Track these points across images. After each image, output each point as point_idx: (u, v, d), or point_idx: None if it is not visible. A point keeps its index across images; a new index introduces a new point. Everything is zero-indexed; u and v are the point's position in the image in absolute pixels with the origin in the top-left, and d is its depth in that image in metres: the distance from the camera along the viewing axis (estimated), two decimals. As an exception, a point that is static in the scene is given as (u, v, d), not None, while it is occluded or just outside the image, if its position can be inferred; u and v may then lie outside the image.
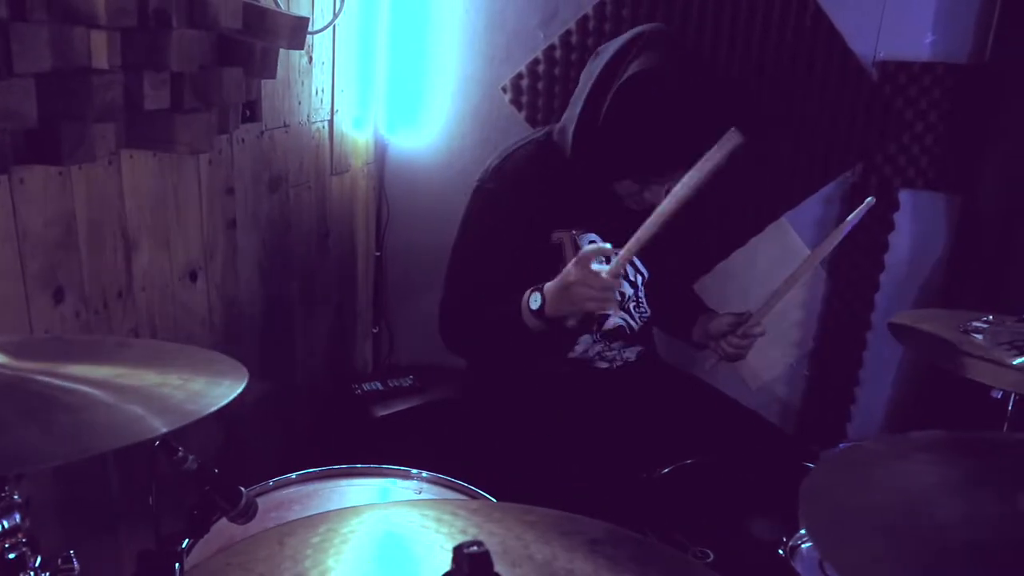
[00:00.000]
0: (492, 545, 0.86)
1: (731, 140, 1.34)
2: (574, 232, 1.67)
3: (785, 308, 2.33)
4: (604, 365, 1.78)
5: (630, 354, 1.81)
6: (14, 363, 0.85)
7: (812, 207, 2.22)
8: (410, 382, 2.20)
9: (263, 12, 1.49)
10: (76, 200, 1.30)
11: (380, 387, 2.17)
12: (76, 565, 0.91)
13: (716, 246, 2.28)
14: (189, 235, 1.58)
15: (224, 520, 1.15)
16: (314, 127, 2.00)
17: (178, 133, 1.33)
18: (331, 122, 2.07)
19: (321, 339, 2.17)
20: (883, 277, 2.21)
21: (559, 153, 1.66)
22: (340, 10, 1.89)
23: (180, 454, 1.13)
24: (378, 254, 2.41)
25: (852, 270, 2.22)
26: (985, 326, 1.28)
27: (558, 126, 1.70)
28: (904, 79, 2.08)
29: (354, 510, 0.95)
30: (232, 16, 1.42)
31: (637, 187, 1.62)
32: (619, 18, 2.11)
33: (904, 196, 2.16)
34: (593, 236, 1.69)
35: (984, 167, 2.08)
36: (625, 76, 1.54)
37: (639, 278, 1.79)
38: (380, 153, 2.34)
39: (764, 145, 2.15)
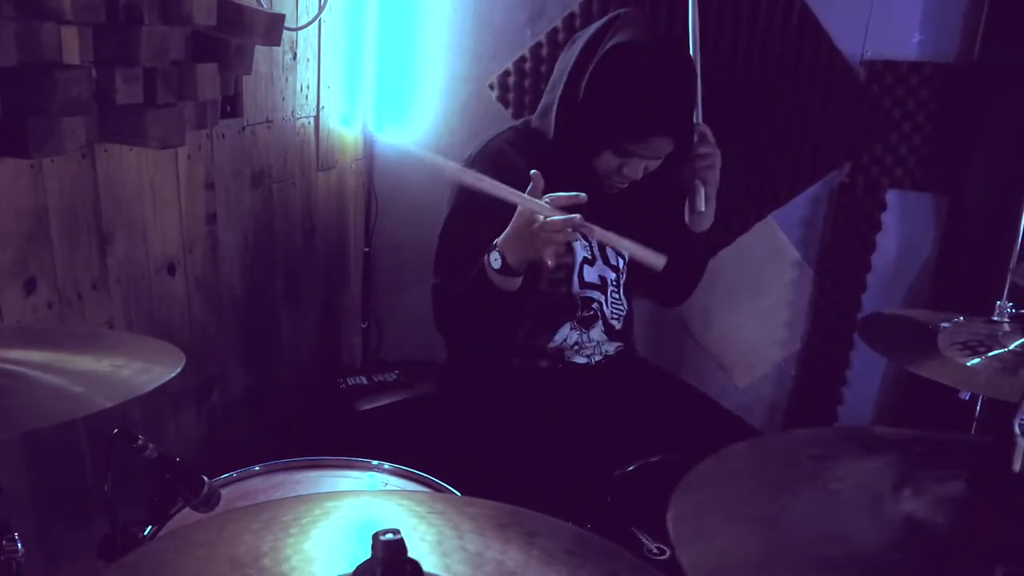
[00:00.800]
0: (428, 535, 0.88)
1: (656, 262, 1.42)
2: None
3: (773, 307, 2.33)
4: (582, 360, 1.79)
5: (609, 348, 1.82)
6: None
7: (800, 206, 2.22)
8: (395, 377, 2.23)
9: (239, 8, 1.52)
10: (48, 193, 1.33)
11: (365, 381, 2.20)
12: (20, 547, 0.93)
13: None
14: (167, 229, 1.61)
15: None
16: (299, 123, 2.02)
17: (149, 128, 1.36)
18: (317, 118, 2.10)
19: (307, 334, 2.20)
20: (870, 277, 2.20)
21: (539, 139, 1.69)
22: (324, 6, 1.92)
23: (140, 442, 1.17)
24: (367, 250, 2.44)
25: (839, 270, 2.22)
26: (950, 326, 1.28)
27: (538, 111, 1.74)
28: (891, 79, 2.07)
29: (301, 499, 0.97)
30: (206, 13, 1.45)
31: (616, 161, 1.64)
32: (605, 15, 2.12)
33: (892, 196, 2.16)
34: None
35: (972, 167, 2.07)
36: (604, 50, 1.60)
37: (620, 262, 1.80)
38: (368, 150, 2.36)
39: (749, 143, 2.15)
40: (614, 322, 1.82)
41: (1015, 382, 1.13)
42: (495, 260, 1.50)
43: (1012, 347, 1.13)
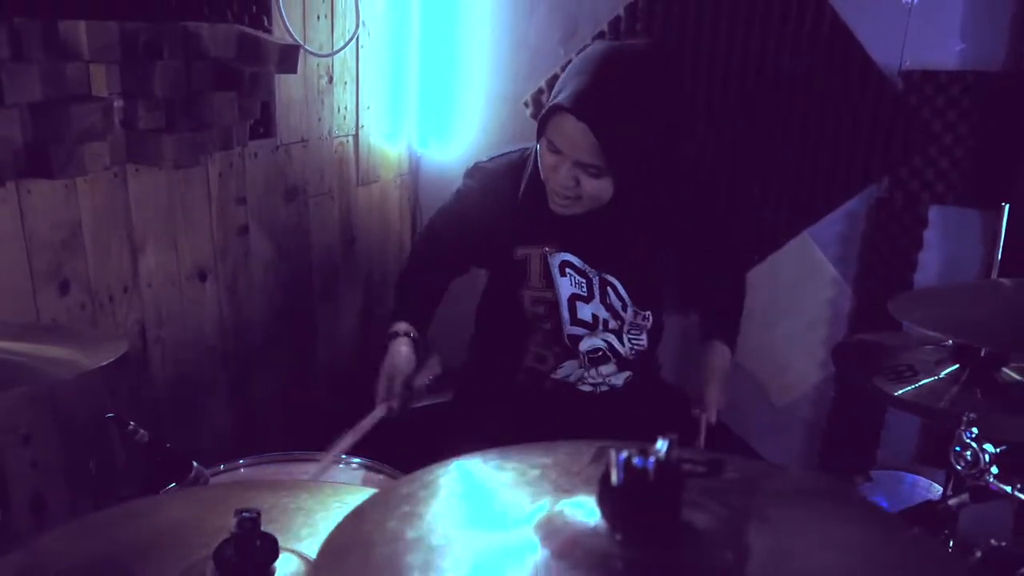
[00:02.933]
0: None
1: None
2: (546, 249, 1.72)
3: (811, 326, 2.31)
4: (587, 388, 1.84)
5: (616, 380, 1.84)
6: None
7: (836, 222, 2.20)
8: (428, 382, 2.36)
9: (257, 40, 1.71)
10: (82, 206, 1.56)
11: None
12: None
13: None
14: (198, 239, 1.83)
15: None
16: (336, 141, 2.21)
17: (164, 151, 1.57)
18: (356, 137, 2.28)
19: (346, 338, 2.38)
20: (912, 297, 2.15)
21: (536, 168, 1.75)
22: (353, 36, 2.10)
23: (131, 427, 1.35)
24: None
25: (879, 289, 2.18)
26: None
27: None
28: (931, 89, 2.03)
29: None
30: (224, 46, 1.65)
31: (550, 159, 1.59)
32: (634, 33, 2.20)
33: (934, 212, 2.10)
34: (567, 256, 1.72)
35: (1020, 180, 1.99)
36: None
37: (626, 309, 1.79)
38: (414, 166, 2.53)
39: (781, 158, 2.16)
40: (628, 356, 1.82)
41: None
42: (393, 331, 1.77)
43: (943, 375, 1.13)
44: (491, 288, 1.89)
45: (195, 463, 1.39)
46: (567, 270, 1.74)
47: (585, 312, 1.76)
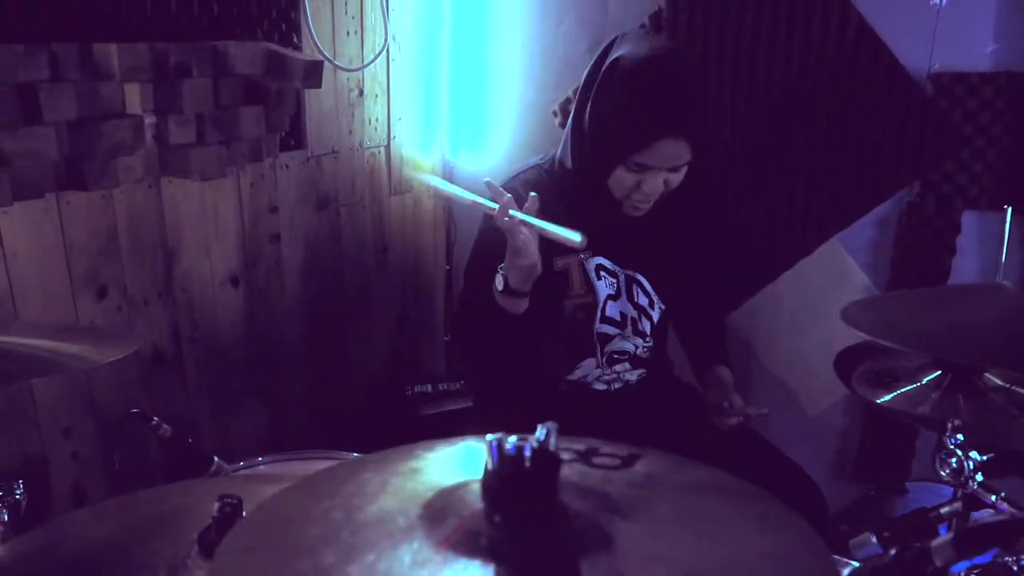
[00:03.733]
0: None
1: (573, 238, 1.45)
2: (582, 257, 1.77)
3: (842, 333, 2.28)
4: (602, 387, 1.89)
5: (631, 376, 1.88)
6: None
7: (866, 228, 2.18)
8: (458, 387, 2.43)
9: (283, 57, 1.81)
10: (118, 216, 1.68)
11: (430, 390, 2.42)
12: (23, 495, 1.22)
13: (761, 269, 2.29)
14: (229, 247, 1.94)
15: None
16: (368, 152, 2.30)
17: (192, 163, 1.68)
18: (388, 148, 2.37)
19: (378, 343, 2.47)
20: (946, 304, 2.11)
21: (560, 177, 1.77)
22: (381, 51, 2.19)
23: (154, 422, 1.45)
24: (448, 268, 2.68)
25: (911, 295, 2.15)
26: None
27: (559, 149, 1.85)
28: (962, 91, 2.00)
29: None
30: (251, 63, 1.75)
31: (632, 178, 1.65)
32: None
33: (967, 217, 2.06)
34: (601, 260, 1.78)
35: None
36: (603, 69, 1.65)
37: (653, 306, 1.85)
38: (447, 175, 2.60)
39: (808, 163, 2.15)
40: (642, 355, 1.87)
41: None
42: (499, 282, 1.61)
43: (925, 381, 1.13)
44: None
45: (216, 458, 1.48)
46: (601, 272, 1.80)
47: (613, 310, 1.81)
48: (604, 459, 0.71)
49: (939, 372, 1.12)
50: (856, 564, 1.11)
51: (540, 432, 0.58)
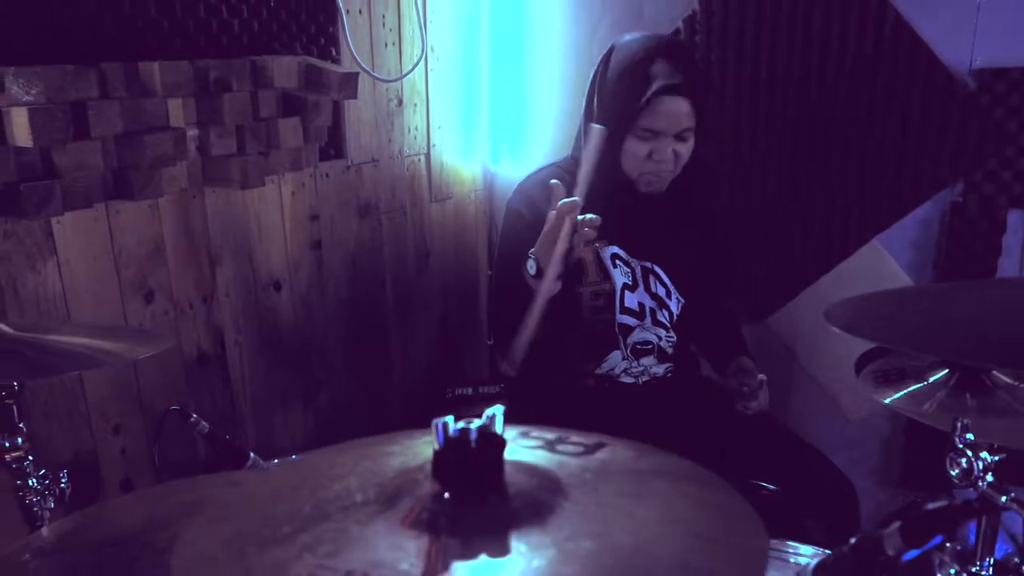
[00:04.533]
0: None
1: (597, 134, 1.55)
2: (596, 246, 1.85)
3: (885, 336, 2.25)
4: (629, 380, 1.93)
5: (658, 370, 1.93)
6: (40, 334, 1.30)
7: (908, 228, 2.15)
8: (498, 389, 2.48)
9: (319, 70, 1.89)
10: (164, 224, 1.78)
11: (470, 392, 2.47)
12: (67, 485, 1.31)
13: (800, 272, 2.28)
14: (272, 253, 2.02)
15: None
16: (408, 160, 2.38)
17: (232, 173, 1.77)
18: (428, 155, 2.44)
19: (420, 347, 2.53)
20: (992, 305, 2.06)
21: (575, 172, 1.86)
22: (418, 62, 2.26)
23: (193, 419, 1.54)
24: (490, 272, 2.73)
25: (956, 297, 2.10)
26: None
27: (573, 146, 1.93)
28: (1004, 87, 1.96)
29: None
30: (288, 77, 1.84)
31: (643, 148, 1.76)
32: (692, 44, 2.24)
33: (1014, 216, 2.02)
34: (616, 249, 1.87)
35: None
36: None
37: (670, 297, 1.90)
38: (488, 182, 2.66)
39: (846, 163, 2.14)
40: (666, 347, 1.92)
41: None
42: (531, 266, 1.67)
43: (932, 380, 1.12)
44: None
45: (252, 454, 1.56)
46: (616, 261, 1.87)
47: (631, 300, 1.88)
48: (568, 447, 0.74)
49: (946, 371, 1.12)
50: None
51: (485, 415, 0.62)
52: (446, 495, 0.61)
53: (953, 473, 1.20)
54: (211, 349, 1.93)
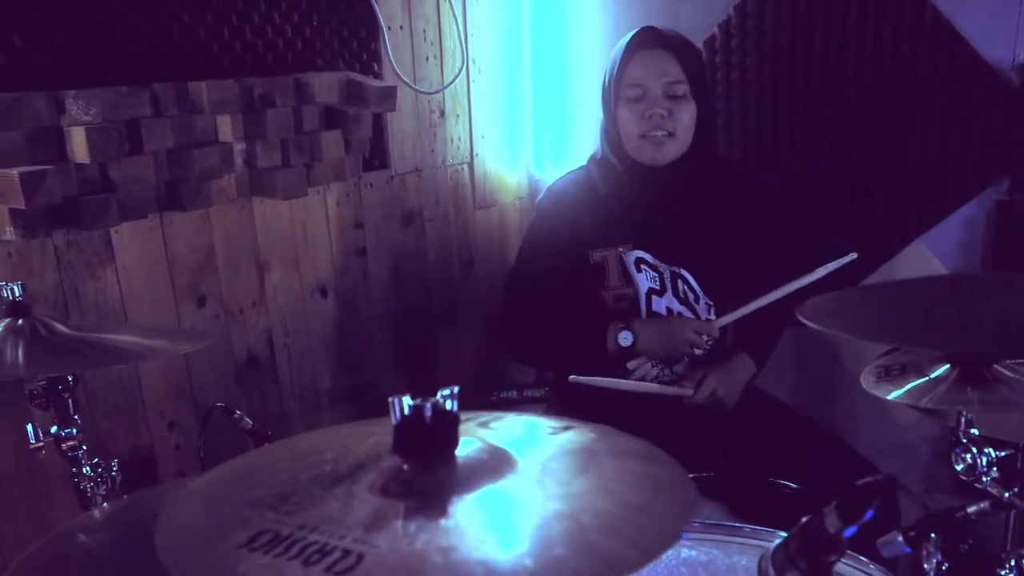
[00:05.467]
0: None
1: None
2: (620, 249, 1.90)
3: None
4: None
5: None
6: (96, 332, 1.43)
7: (953, 228, 2.13)
8: (541, 393, 2.54)
9: (360, 85, 2.00)
10: (214, 233, 1.91)
11: (515, 395, 2.54)
12: (117, 473, 1.43)
13: (841, 274, 2.26)
14: (318, 260, 2.14)
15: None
16: (451, 169, 2.47)
17: (277, 184, 1.89)
18: (471, 165, 2.53)
19: (466, 350, 2.61)
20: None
21: (605, 174, 1.91)
22: (457, 74, 2.35)
23: (236, 415, 1.65)
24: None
25: (1004, 298, 2.07)
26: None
27: (597, 148, 1.99)
28: (1049, 82, 1.93)
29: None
30: (329, 92, 1.95)
31: (636, 109, 1.82)
32: (728, 48, 2.27)
33: (1063, 214, 1.98)
34: (640, 253, 1.90)
35: None
36: None
37: (698, 301, 1.92)
38: (533, 189, 2.73)
39: (885, 164, 2.13)
40: (698, 354, 1.93)
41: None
42: (624, 339, 1.83)
43: (934, 375, 1.13)
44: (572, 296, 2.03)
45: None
46: (642, 266, 1.90)
47: (659, 305, 1.90)
48: (551, 430, 0.80)
49: (947, 366, 1.13)
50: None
51: (440, 394, 0.69)
52: (404, 466, 0.68)
53: (959, 468, 1.21)
54: (261, 351, 2.05)
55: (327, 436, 0.80)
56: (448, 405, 0.68)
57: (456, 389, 0.69)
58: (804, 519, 0.75)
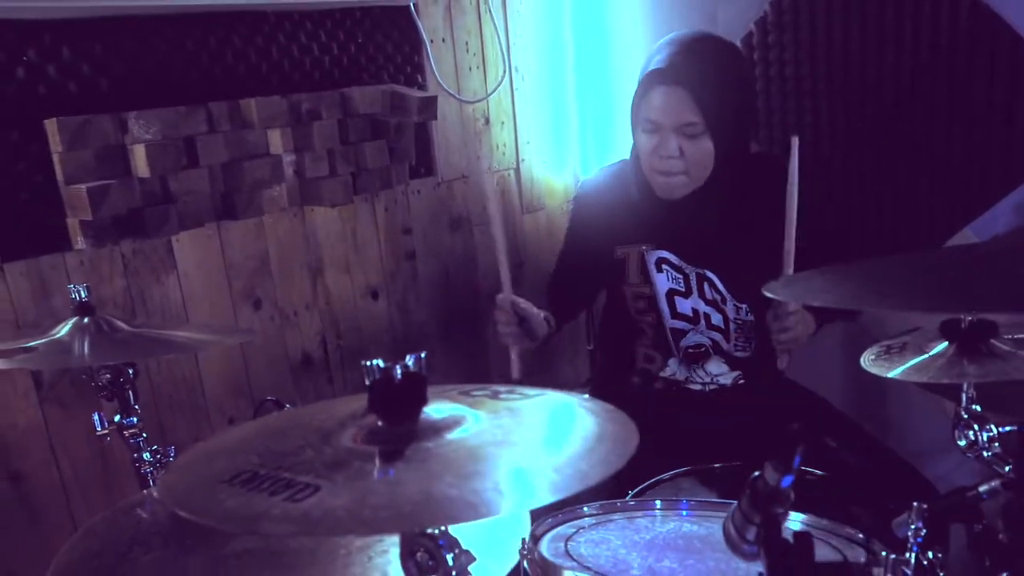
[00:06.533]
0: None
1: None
2: (643, 248, 1.92)
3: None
4: (697, 387, 1.96)
5: (725, 380, 1.95)
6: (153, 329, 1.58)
7: (1001, 215, 2.10)
8: (585, 394, 2.60)
9: (402, 96, 2.12)
10: (268, 240, 2.06)
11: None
12: (173, 456, 1.57)
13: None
14: (368, 264, 2.27)
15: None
16: (497, 175, 2.57)
17: (324, 193, 2.02)
18: (517, 170, 2.63)
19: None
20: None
21: (636, 176, 1.95)
22: (500, 83, 2.46)
23: (287, 407, 1.77)
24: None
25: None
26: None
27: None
28: (1095, 62, 1.90)
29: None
30: (372, 103, 2.08)
31: (648, 141, 1.79)
32: (765, 45, 2.30)
33: (1116, 197, 1.94)
34: (664, 253, 1.91)
35: None
36: None
37: (725, 303, 1.91)
38: (581, 191, 2.81)
39: (928, 153, 2.13)
40: (739, 354, 1.94)
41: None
42: None
43: (933, 352, 1.16)
44: (588, 285, 2.13)
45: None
46: (664, 266, 1.92)
47: (684, 306, 1.92)
48: (512, 396, 0.89)
49: (945, 344, 1.15)
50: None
51: (409, 359, 0.78)
52: (378, 421, 0.77)
53: (961, 444, 1.23)
54: (315, 352, 2.19)
55: (333, 404, 0.90)
56: (414, 368, 0.77)
57: (423, 354, 0.78)
58: (751, 479, 0.81)
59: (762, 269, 1.90)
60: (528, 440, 0.73)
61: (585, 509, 1.22)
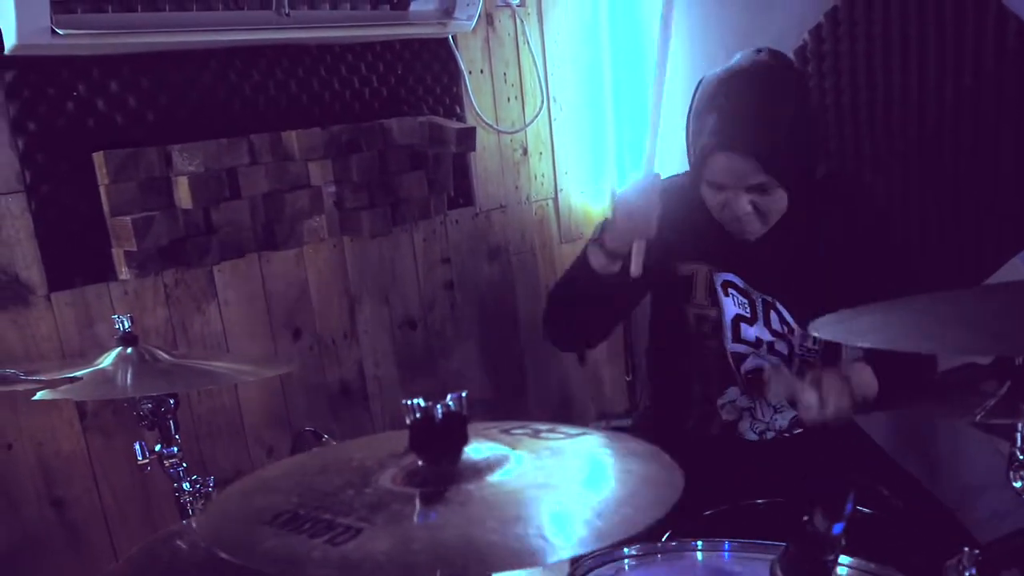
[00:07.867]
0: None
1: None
2: (710, 268, 1.82)
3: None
4: (753, 437, 1.87)
5: (782, 421, 1.86)
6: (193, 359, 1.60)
7: (1054, 245, 2.05)
8: (627, 423, 2.58)
9: (440, 127, 2.14)
10: (308, 270, 2.08)
11: (603, 426, 2.59)
12: (214, 489, 1.58)
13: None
14: (407, 294, 2.27)
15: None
16: (536, 205, 2.57)
17: (363, 223, 2.04)
18: (556, 200, 2.63)
19: (555, 380, 2.69)
20: None
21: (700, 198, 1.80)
22: (537, 113, 2.47)
23: (324, 439, 1.78)
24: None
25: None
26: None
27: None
28: None
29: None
30: (411, 135, 2.10)
31: (715, 197, 1.69)
32: (820, 55, 2.28)
33: None
34: (729, 276, 1.81)
35: None
36: None
37: (793, 333, 1.82)
38: (619, 220, 2.80)
39: (972, 179, 2.08)
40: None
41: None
42: (596, 229, 1.75)
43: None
44: (656, 311, 1.99)
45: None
46: (729, 290, 1.82)
47: (749, 333, 1.82)
48: (553, 435, 0.88)
49: (996, 380, 1.12)
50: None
51: (449, 397, 0.78)
52: (418, 461, 0.77)
53: (1017, 485, 1.19)
54: (353, 381, 2.19)
55: (376, 440, 0.90)
56: (455, 407, 0.76)
57: (464, 393, 0.77)
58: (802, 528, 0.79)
59: (832, 299, 1.84)
60: (570, 482, 0.72)
61: (625, 550, 1.20)
